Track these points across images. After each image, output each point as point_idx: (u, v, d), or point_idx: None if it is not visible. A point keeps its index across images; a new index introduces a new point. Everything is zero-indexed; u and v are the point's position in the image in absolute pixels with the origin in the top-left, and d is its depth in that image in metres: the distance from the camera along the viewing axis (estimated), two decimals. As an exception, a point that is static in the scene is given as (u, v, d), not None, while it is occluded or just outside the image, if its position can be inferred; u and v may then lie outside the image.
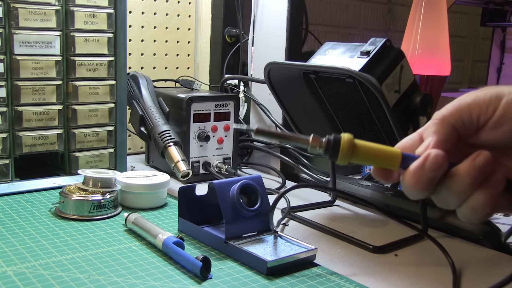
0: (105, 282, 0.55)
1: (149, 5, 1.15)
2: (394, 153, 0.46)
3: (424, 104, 0.69)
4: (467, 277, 0.61)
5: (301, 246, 0.63)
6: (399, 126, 0.65)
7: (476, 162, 0.42)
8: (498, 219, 0.85)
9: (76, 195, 0.74)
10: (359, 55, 0.69)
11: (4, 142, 0.80)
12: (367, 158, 0.46)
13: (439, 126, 0.45)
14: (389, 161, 0.46)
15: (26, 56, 0.81)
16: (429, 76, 1.13)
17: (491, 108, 0.43)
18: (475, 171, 0.42)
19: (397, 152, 0.46)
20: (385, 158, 0.46)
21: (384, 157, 0.46)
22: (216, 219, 0.70)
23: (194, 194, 0.71)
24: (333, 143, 0.45)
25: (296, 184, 0.77)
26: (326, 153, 0.45)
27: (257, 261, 0.59)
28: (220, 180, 0.66)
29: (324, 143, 0.45)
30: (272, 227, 0.67)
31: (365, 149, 0.46)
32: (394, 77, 0.68)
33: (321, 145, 0.45)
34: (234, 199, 0.64)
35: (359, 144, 0.46)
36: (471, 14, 2.14)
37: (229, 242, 0.63)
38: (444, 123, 0.45)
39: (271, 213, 0.68)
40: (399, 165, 0.46)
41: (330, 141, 0.45)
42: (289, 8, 0.99)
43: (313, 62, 0.75)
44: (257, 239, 0.65)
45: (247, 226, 0.65)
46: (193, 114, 0.93)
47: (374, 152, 0.46)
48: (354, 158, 0.46)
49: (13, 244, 0.63)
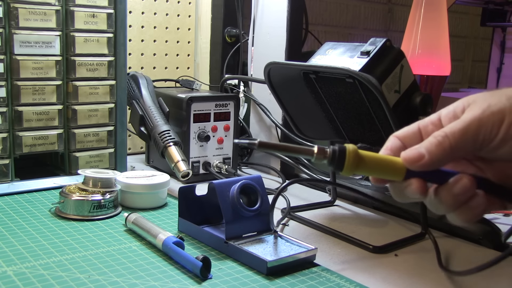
0: (105, 282, 0.55)
1: (149, 5, 1.15)
2: (399, 166, 0.46)
3: (424, 104, 0.69)
4: (467, 277, 0.61)
5: (301, 246, 0.63)
6: (399, 126, 0.65)
7: (453, 190, 0.44)
8: (498, 219, 0.85)
9: (76, 195, 0.74)
10: (359, 55, 0.69)
11: (4, 142, 0.80)
12: (372, 170, 0.46)
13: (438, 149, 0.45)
14: (393, 174, 0.46)
15: (26, 56, 0.81)
16: (429, 76, 1.13)
17: (495, 130, 0.44)
18: (452, 199, 0.45)
19: (401, 166, 0.46)
20: (390, 171, 0.46)
21: (389, 170, 0.46)
22: (216, 219, 0.70)
23: (194, 194, 0.71)
24: (338, 153, 0.44)
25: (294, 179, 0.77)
26: (331, 164, 0.45)
27: (257, 261, 0.59)
28: (220, 180, 0.66)
29: (330, 154, 0.45)
30: (273, 227, 0.67)
31: (370, 161, 0.45)
32: (394, 77, 0.68)
33: (326, 156, 0.45)
34: (234, 199, 0.64)
35: (364, 155, 0.45)
36: (471, 14, 2.14)
37: (229, 242, 0.63)
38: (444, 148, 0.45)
39: (271, 212, 0.68)
40: (402, 178, 0.46)
41: (335, 151, 0.44)
42: (289, 8, 0.99)
43: (313, 62, 0.75)
44: (257, 239, 0.65)
45: (247, 226, 0.65)
46: (193, 114, 0.93)
47: (379, 165, 0.46)
48: (359, 169, 0.45)
49: (13, 244, 0.63)
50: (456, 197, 0.45)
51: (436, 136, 0.45)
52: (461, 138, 0.45)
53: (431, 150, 0.45)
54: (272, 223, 0.68)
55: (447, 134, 0.45)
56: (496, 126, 0.44)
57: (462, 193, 0.45)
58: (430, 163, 0.45)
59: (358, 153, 0.45)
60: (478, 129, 0.44)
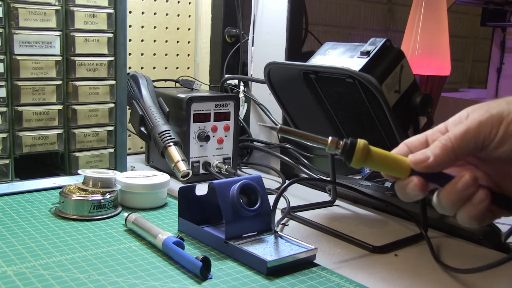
0: (105, 282, 0.55)
1: (149, 5, 1.15)
2: (404, 165, 0.49)
3: (424, 104, 0.69)
4: (467, 277, 0.61)
5: (301, 246, 0.63)
6: (399, 126, 0.65)
7: (456, 187, 0.47)
8: (498, 219, 0.85)
9: (76, 195, 0.74)
10: (359, 55, 0.69)
11: (4, 142, 0.80)
12: (379, 164, 0.50)
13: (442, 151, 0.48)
14: (399, 172, 0.50)
15: (26, 56, 0.81)
16: (429, 76, 1.13)
17: (494, 130, 0.47)
18: (455, 195, 0.48)
19: (407, 166, 0.49)
20: (396, 168, 0.50)
21: (395, 167, 0.50)
22: (216, 219, 0.70)
23: (194, 194, 0.71)
24: (349, 146, 0.49)
25: (295, 179, 0.77)
26: (342, 154, 0.49)
27: (257, 261, 0.59)
28: (220, 180, 0.66)
29: (341, 146, 0.49)
30: (274, 227, 0.67)
31: (378, 156, 0.50)
32: (394, 77, 0.68)
33: (338, 146, 0.49)
34: (234, 199, 0.64)
35: (373, 150, 0.49)
36: (471, 14, 2.14)
37: (229, 242, 0.63)
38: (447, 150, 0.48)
39: (273, 213, 0.68)
40: (407, 176, 0.50)
41: (347, 144, 0.49)
42: (289, 8, 0.99)
43: (313, 62, 0.75)
44: (257, 239, 0.65)
45: (247, 226, 0.65)
46: (193, 114, 0.93)
47: (386, 161, 0.50)
48: (367, 163, 0.49)
49: (13, 244, 0.63)
50: (460, 193, 0.47)
51: (440, 140, 0.48)
52: (462, 139, 0.47)
53: (435, 152, 0.48)
54: (274, 223, 0.68)
55: (450, 137, 0.48)
56: (495, 126, 0.47)
57: (464, 189, 0.47)
58: (434, 164, 0.48)
59: (367, 148, 0.49)
60: (479, 130, 0.47)
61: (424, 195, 0.49)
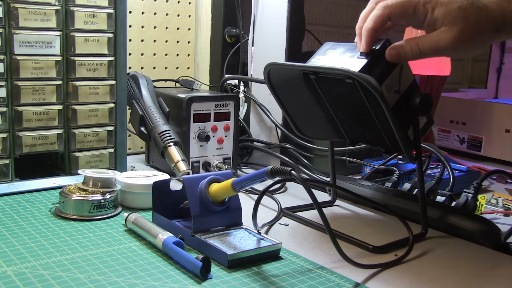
0: (105, 282, 0.55)
1: (149, 5, 1.15)
2: None
3: (424, 104, 0.69)
4: (467, 277, 0.61)
5: (266, 240, 0.65)
6: (399, 126, 0.65)
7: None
8: (498, 219, 0.85)
9: (76, 195, 0.74)
10: (358, 56, 0.69)
11: (4, 142, 0.80)
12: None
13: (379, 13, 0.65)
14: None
15: (26, 56, 0.81)
16: (429, 76, 1.13)
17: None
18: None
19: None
20: None
21: None
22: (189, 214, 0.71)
23: (168, 189, 0.72)
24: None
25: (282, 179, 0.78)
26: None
27: (219, 253, 0.61)
28: (190, 175, 0.67)
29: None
30: (256, 226, 0.69)
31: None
32: (393, 77, 0.68)
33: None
34: (202, 194, 0.65)
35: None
36: (471, 14, 2.14)
37: (196, 236, 0.64)
38: (382, 14, 0.65)
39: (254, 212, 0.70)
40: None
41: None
42: (289, 8, 0.99)
43: (313, 62, 0.74)
44: (224, 233, 0.66)
45: (215, 220, 0.67)
46: (193, 114, 0.93)
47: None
48: None
49: (13, 244, 0.63)
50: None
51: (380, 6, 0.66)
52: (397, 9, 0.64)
53: (374, 14, 0.67)
54: (256, 223, 0.70)
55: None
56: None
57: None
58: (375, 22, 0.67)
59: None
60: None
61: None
